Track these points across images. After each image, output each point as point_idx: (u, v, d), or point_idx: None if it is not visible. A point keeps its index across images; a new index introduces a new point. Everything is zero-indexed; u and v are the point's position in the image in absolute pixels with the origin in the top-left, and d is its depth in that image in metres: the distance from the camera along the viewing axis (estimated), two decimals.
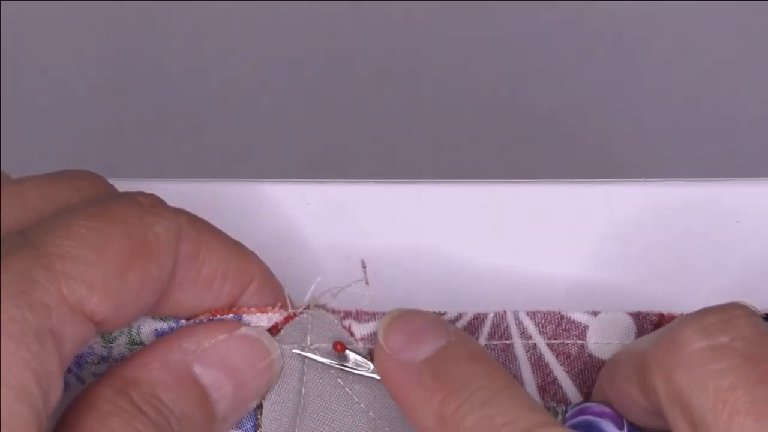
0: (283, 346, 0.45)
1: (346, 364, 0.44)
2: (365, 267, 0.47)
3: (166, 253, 0.41)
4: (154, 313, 0.44)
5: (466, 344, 0.42)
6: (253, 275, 0.44)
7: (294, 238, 0.47)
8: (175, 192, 0.44)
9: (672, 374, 0.39)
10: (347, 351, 0.44)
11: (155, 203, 0.42)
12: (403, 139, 0.88)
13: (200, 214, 0.44)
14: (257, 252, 0.46)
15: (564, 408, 0.43)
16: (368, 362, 0.43)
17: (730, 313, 0.39)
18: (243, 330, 0.44)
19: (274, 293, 0.45)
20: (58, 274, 0.38)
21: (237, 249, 0.44)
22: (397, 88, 0.90)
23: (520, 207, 0.49)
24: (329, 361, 0.44)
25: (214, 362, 0.43)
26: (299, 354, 0.45)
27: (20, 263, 0.37)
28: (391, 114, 0.89)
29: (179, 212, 0.42)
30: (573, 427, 0.43)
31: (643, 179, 0.49)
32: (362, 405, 0.45)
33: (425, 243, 0.49)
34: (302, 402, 0.45)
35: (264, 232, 0.48)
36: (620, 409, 0.43)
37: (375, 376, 0.43)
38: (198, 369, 0.43)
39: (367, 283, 0.47)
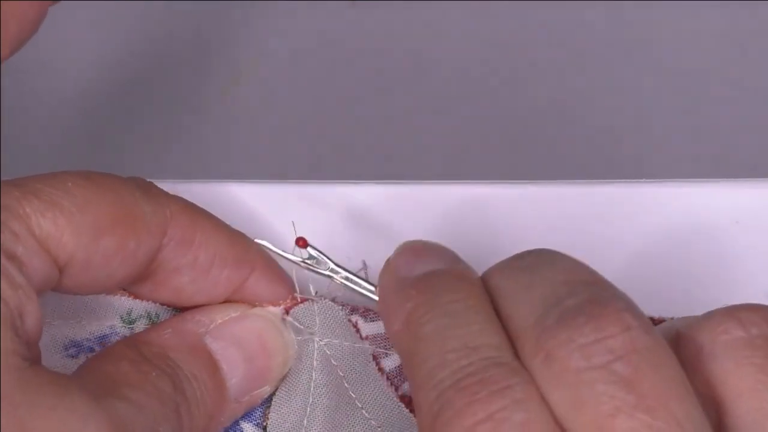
0: (295, 338, 0.46)
1: (346, 278, 0.46)
2: (366, 267, 0.47)
3: (149, 233, 0.42)
4: (151, 296, 0.45)
5: (463, 270, 0.42)
6: (254, 263, 0.45)
7: (294, 238, 0.47)
8: (175, 192, 0.45)
9: (552, 391, 0.37)
10: (309, 248, 0.45)
11: (151, 187, 0.43)
12: (404, 139, 0.88)
13: None
14: None
15: None
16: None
17: (605, 331, 0.37)
18: (255, 310, 0.45)
19: (280, 284, 0.46)
20: (30, 210, 0.39)
21: (236, 237, 0.45)
22: (397, 88, 0.90)
23: (520, 207, 0.49)
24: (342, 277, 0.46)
25: (225, 336, 0.44)
26: (309, 338, 0.45)
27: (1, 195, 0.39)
28: (391, 114, 0.89)
29: (173, 199, 0.43)
30: None
31: (643, 179, 0.49)
32: (365, 412, 0.45)
33: None
34: (311, 400, 0.45)
35: (264, 233, 0.48)
36: None
37: (368, 294, 0.45)
38: (209, 341, 0.43)
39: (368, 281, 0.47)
